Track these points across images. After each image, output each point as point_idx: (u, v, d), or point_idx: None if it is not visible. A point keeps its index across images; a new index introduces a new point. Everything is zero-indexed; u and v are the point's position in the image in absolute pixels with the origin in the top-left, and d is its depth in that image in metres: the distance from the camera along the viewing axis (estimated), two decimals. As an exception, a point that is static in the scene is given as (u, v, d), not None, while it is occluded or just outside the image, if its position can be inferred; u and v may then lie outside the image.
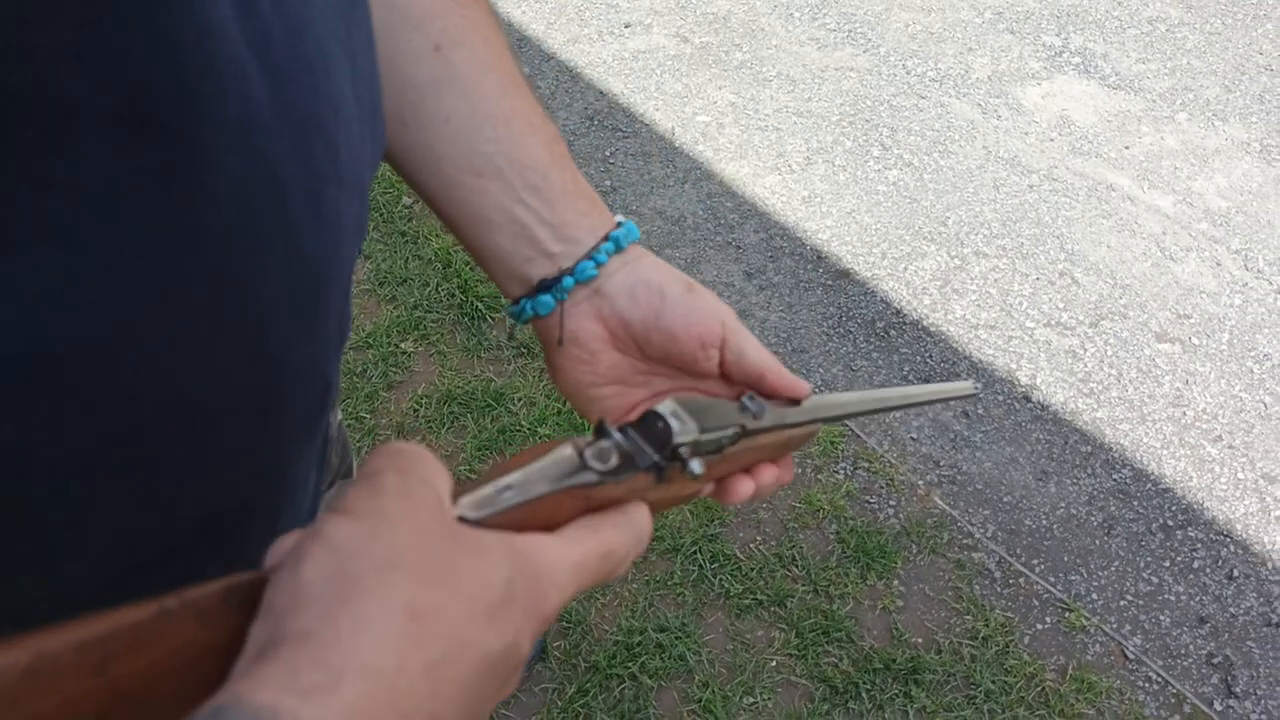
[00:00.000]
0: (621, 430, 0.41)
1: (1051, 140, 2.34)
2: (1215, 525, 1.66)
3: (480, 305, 1.91)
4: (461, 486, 0.34)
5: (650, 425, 0.42)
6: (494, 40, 0.50)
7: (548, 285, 0.50)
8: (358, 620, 0.26)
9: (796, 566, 1.58)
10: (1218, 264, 2.09)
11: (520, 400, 1.78)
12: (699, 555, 1.59)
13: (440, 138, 0.49)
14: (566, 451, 0.38)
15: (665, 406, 0.43)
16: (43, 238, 0.26)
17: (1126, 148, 2.33)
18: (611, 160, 2.22)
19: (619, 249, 0.50)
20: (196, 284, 0.31)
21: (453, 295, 1.94)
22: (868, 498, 1.69)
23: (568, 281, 0.50)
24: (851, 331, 1.94)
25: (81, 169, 0.26)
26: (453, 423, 1.75)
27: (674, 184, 2.18)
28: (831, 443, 1.75)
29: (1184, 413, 1.83)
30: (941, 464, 1.74)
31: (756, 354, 0.51)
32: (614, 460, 0.39)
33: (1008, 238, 2.12)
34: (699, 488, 0.47)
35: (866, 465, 1.73)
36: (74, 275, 0.27)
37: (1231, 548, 1.63)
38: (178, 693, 0.26)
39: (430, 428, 1.75)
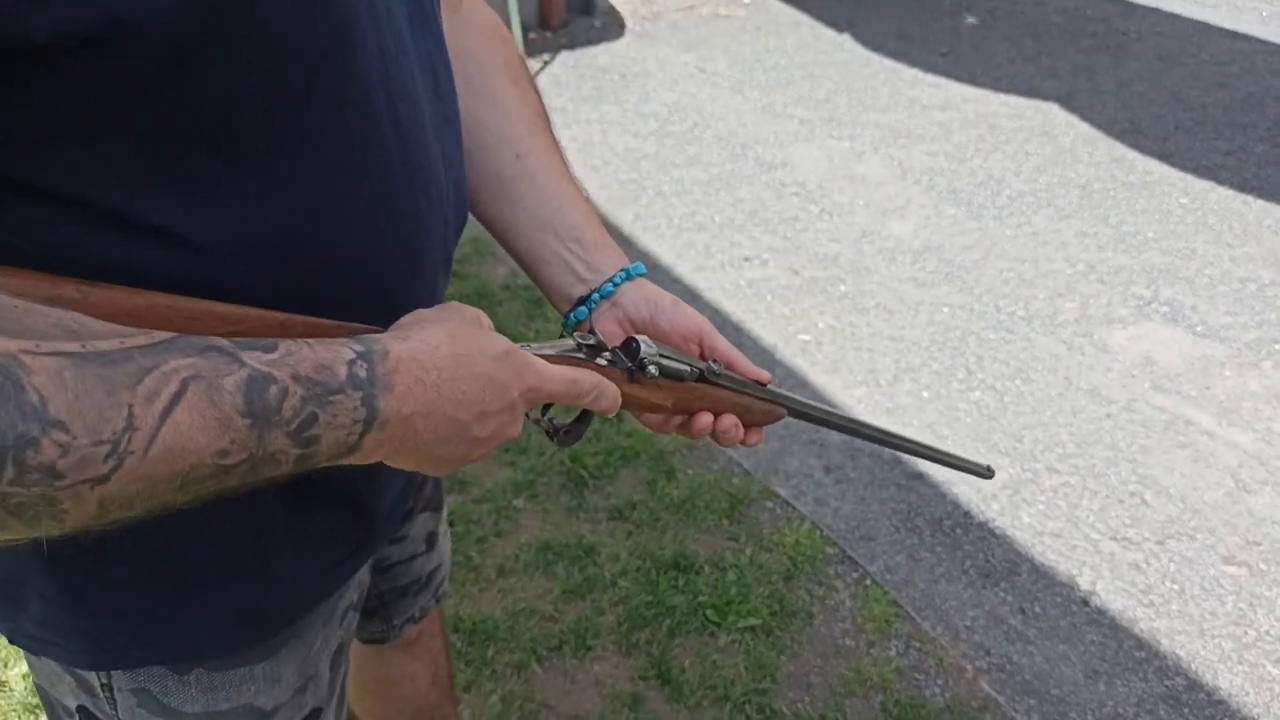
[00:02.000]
0: (611, 349, 0.68)
1: (1133, 377, 2.49)
2: (1267, 739, 1.66)
3: (584, 473, 2.19)
4: None
5: (629, 345, 0.70)
6: (553, 149, 0.82)
7: (583, 300, 0.79)
8: (423, 328, 0.54)
9: (839, 727, 1.68)
10: (1294, 499, 2.15)
11: (606, 555, 2.00)
12: (747, 706, 1.72)
13: (518, 209, 0.80)
14: (570, 341, 0.66)
15: (641, 338, 0.70)
16: (277, 150, 0.55)
17: (1208, 388, 2.45)
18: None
19: (629, 277, 0.79)
20: (353, 216, 0.60)
21: (563, 464, 2.22)
22: (916, 674, 1.79)
23: (595, 297, 0.78)
24: (919, 527, 2.09)
25: (301, 124, 0.56)
26: (546, 568, 1.99)
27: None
28: (887, 621, 1.88)
29: (1246, 631, 1.86)
30: (993, 652, 1.83)
31: (726, 348, 0.79)
32: (594, 341, 0.67)
33: (1081, 458, 2.25)
34: (665, 399, 0.73)
35: (918, 645, 1.84)
36: (283, 183, 0.56)
37: (1283, 762, 1.62)
38: None
39: (527, 571, 1.98)
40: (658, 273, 2.88)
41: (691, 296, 2.78)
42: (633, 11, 4.79)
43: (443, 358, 0.54)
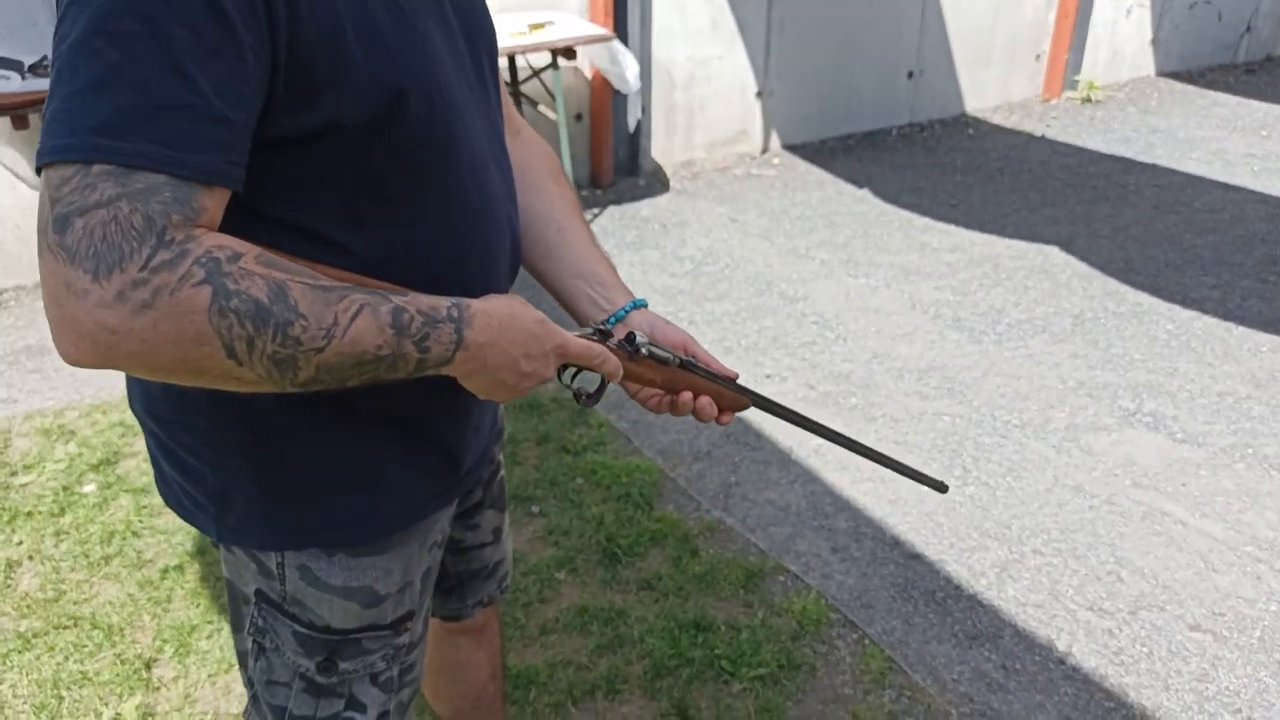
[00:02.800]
0: (617, 339, 1.05)
1: (1115, 475, 2.76)
2: (1220, 772, 1.85)
3: (618, 551, 2.49)
4: None
5: (629, 336, 1.06)
6: (583, 225, 1.21)
7: (603, 323, 1.14)
8: (492, 299, 0.91)
9: (835, 757, 1.91)
10: (1259, 578, 2.37)
11: (635, 618, 2.29)
12: (756, 739, 1.96)
13: (560, 265, 1.18)
14: (590, 329, 1.03)
15: (638, 332, 1.06)
16: (406, 201, 0.93)
17: (1184, 485, 2.71)
18: (740, 466, 2.85)
19: (635, 307, 1.15)
20: (449, 247, 0.98)
21: (600, 544, 2.53)
22: (906, 717, 2.02)
23: (611, 320, 1.15)
24: (914, 597, 2.35)
25: (420, 186, 0.94)
26: (582, 628, 2.27)
27: (785, 484, 2.76)
28: (881, 674, 2.12)
29: (1207, 687, 2.07)
30: (975, 700, 2.06)
31: (704, 353, 1.15)
32: (606, 329, 1.03)
33: (1064, 542, 2.50)
34: (655, 376, 1.08)
35: (909, 694, 2.08)
36: (407, 222, 0.94)
37: (1232, 791, 1.81)
38: None
39: (565, 630, 2.27)
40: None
41: (718, 408, 3.13)
42: (674, 172, 5.35)
43: (503, 315, 0.91)
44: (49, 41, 3.66)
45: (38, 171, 0.73)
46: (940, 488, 1.42)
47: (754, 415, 3.07)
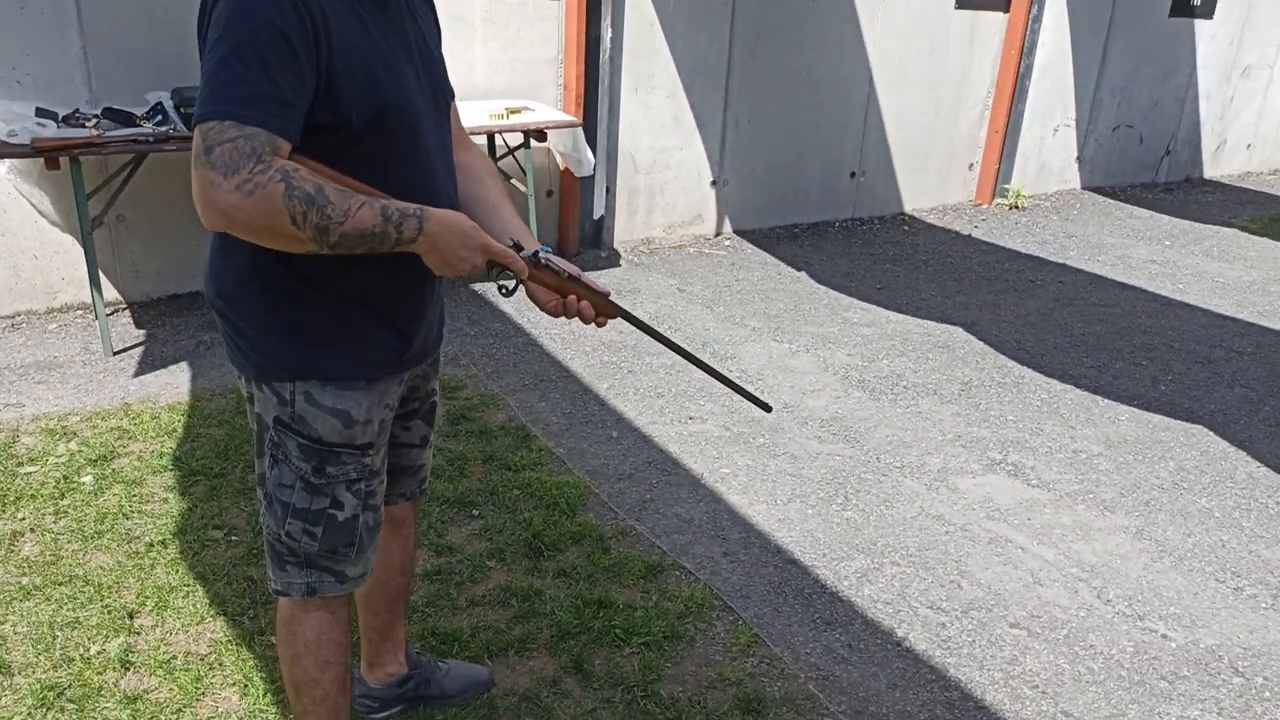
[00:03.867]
0: (529, 252, 1.56)
1: (973, 509, 3.23)
2: (1006, 724, 2.28)
3: (542, 546, 2.92)
4: None
5: (535, 252, 1.57)
6: (507, 201, 1.74)
7: (518, 244, 1.63)
8: (443, 210, 1.44)
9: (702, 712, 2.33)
10: (1075, 592, 2.83)
11: (549, 597, 2.71)
12: (636, 689, 2.37)
13: (492, 228, 1.66)
14: (509, 241, 1.54)
15: (541, 250, 1.58)
16: (383, 172, 1.46)
17: (1029, 519, 3.18)
18: (655, 486, 3.30)
19: (545, 250, 1.64)
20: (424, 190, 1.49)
21: (527, 540, 2.97)
22: (763, 679, 2.44)
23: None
24: (785, 593, 2.79)
25: (395, 162, 1.47)
26: (503, 603, 2.69)
27: (692, 502, 3.22)
28: (748, 645, 2.55)
29: (1015, 668, 2.51)
30: (821, 669, 2.49)
31: (590, 280, 1.64)
32: (518, 244, 1.55)
33: (918, 557, 2.96)
34: (551, 281, 1.60)
35: (768, 662, 2.50)
36: (384, 185, 1.44)
37: (1012, 737, 2.23)
38: None
39: (489, 605, 2.69)
40: (621, 423, 3.72)
41: (644, 440, 3.60)
42: (633, 248, 5.91)
43: (449, 219, 1.42)
44: (82, 96, 4.22)
45: (191, 127, 1.30)
46: (765, 407, 1.88)
47: (671, 448, 3.54)
